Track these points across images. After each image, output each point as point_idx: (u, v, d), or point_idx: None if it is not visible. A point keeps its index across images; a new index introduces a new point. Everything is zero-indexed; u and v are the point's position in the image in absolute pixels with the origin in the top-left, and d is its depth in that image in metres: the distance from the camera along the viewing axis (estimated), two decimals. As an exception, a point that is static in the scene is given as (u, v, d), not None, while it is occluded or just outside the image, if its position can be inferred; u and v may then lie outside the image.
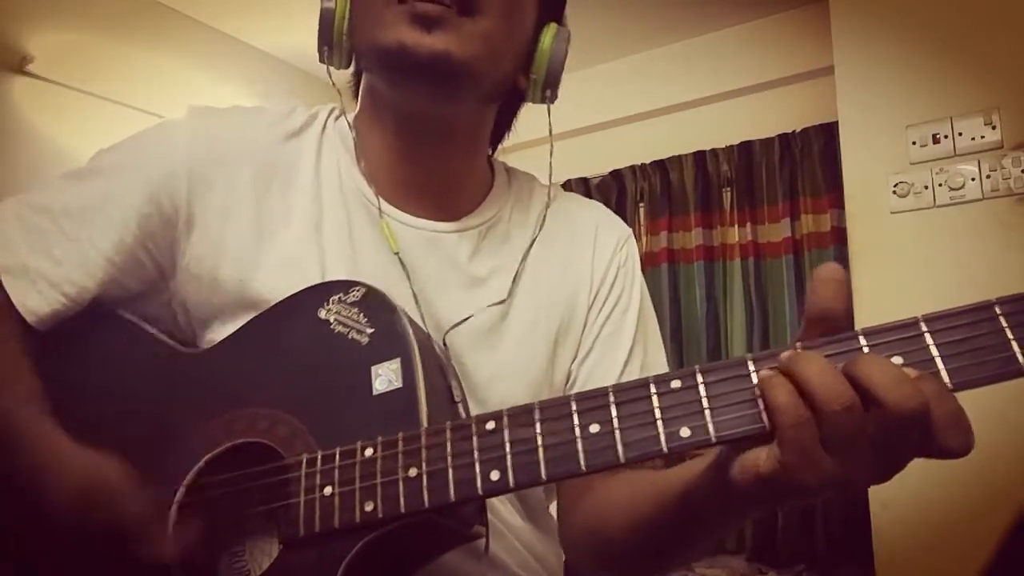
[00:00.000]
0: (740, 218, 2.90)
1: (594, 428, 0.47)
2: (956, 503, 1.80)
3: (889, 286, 2.04)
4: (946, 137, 2.01)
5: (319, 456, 0.54)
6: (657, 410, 0.47)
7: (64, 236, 0.67)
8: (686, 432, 0.46)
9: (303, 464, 0.54)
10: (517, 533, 0.74)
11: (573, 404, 0.49)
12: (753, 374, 0.46)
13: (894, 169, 2.08)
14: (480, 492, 0.49)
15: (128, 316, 0.68)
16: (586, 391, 0.49)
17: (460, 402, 0.60)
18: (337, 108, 0.79)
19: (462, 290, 0.73)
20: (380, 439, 0.52)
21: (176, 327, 0.71)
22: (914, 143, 2.06)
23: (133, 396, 0.63)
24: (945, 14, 2.03)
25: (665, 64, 3.12)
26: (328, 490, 0.52)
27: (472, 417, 0.51)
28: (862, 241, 2.13)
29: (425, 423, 0.53)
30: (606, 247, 0.82)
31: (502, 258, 0.77)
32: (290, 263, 0.68)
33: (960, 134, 2.00)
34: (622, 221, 0.88)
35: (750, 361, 0.46)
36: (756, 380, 0.45)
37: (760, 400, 0.45)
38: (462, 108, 0.73)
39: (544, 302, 0.77)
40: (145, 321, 0.71)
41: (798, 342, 0.46)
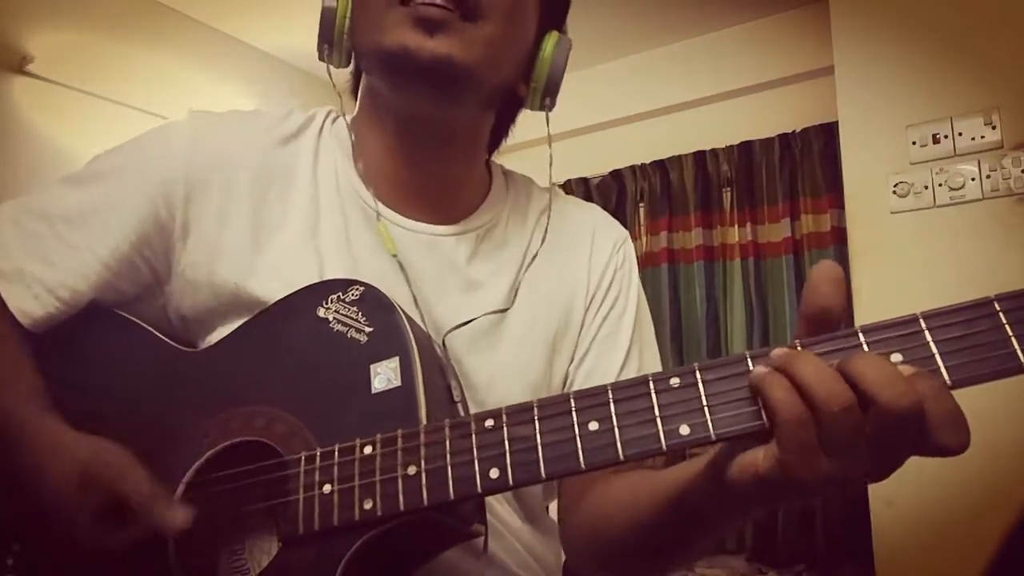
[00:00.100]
0: (740, 218, 2.90)
1: (593, 426, 0.47)
2: (957, 503, 1.80)
3: (889, 286, 2.04)
4: (946, 137, 2.01)
5: (318, 454, 0.54)
6: (656, 408, 0.46)
7: (60, 241, 0.67)
8: (685, 430, 0.46)
9: (302, 462, 0.54)
10: (515, 533, 0.74)
11: (572, 402, 0.48)
12: (755, 371, 0.45)
13: (894, 169, 2.08)
14: (479, 490, 0.49)
15: (127, 315, 0.68)
16: (585, 389, 0.49)
17: (459, 401, 0.60)
18: (335, 110, 0.79)
19: (460, 293, 0.73)
20: (379, 437, 0.52)
21: (171, 330, 0.71)
22: (914, 143, 2.06)
23: (132, 395, 0.64)
24: (945, 14, 2.03)
25: (665, 64, 3.12)
26: (327, 488, 0.52)
27: (471, 415, 0.51)
28: (862, 241, 2.13)
29: (424, 422, 0.53)
30: (603, 250, 0.82)
31: (500, 261, 0.77)
32: (287, 266, 0.68)
33: (960, 134, 2.00)
34: (619, 224, 0.87)
35: (749, 358, 0.46)
36: (752, 376, 0.45)
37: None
38: (462, 112, 0.73)
39: (542, 305, 0.77)
40: (147, 323, 0.71)
41: (797, 340, 0.46)
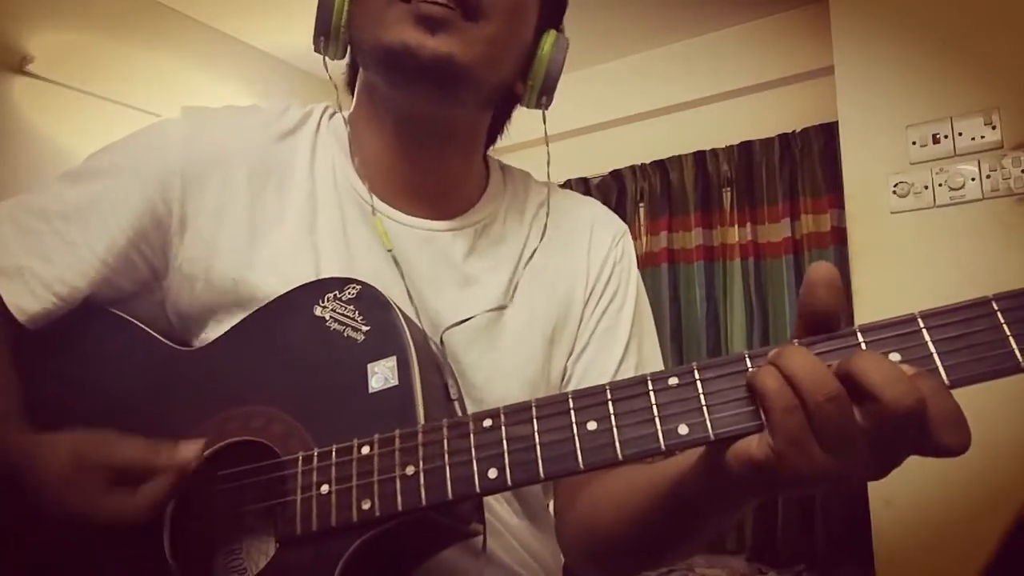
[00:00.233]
0: (740, 218, 2.90)
1: (592, 426, 0.47)
2: (957, 502, 1.80)
3: (889, 286, 2.04)
4: (946, 137, 2.01)
5: (315, 454, 0.54)
6: (655, 407, 0.46)
7: (58, 237, 0.67)
8: (684, 429, 0.45)
9: (299, 462, 0.54)
10: (514, 532, 0.73)
11: (571, 401, 0.48)
12: (751, 370, 0.45)
13: (894, 169, 2.08)
14: (478, 490, 0.48)
15: (122, 314, 0.68)
16: (583, 388, 0.49)
17: (457, 400, 0.60)
18: (332, 106, 0.78)
19: (457, 289, 0.73)
20: (377, 437, 0.52)
21: (168, 327, 0.71)
22: (914, 143, 2.06)
23: (128, 395, 0.63)
24: (945, 14, 2.03)
25: (665, 64, 3.12)
26: (325, 488, 0.52)
27: (469, 415, 0.51)
28: (862, 241, 2.13)
29: (422, 421, 0.53)
30: (602, 244, 0.82)
31: (497, 257, 0.77)
32: (284, 262, 0.68)
33: (960, 134, 2.00)
34: (618, 218, 0.87)
35: (748, 358, 0.46)
36: (748, 374, 0.45)
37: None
38: (461, 111, 0.73)
39: (540, 300, 0.77)
40: (140, 320, 0.70)
41: (795, 340, 0.46)
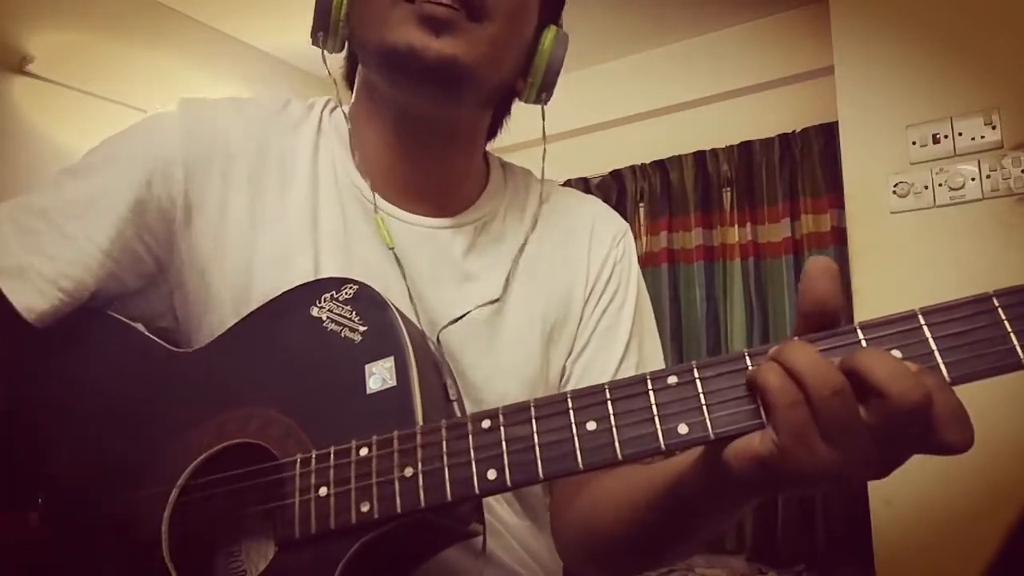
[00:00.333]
0: (740, 218, 2.90)
1: (591, 425, 0.47)
2: (956, 502, 1.80)
3: (889, 286, 2.04)
4: (946, 137, 2.01)
5: (313, 456, 0.53)
6: (654, 407, 0.46)
7: (60, 233, 0.66)
8: (684, 429, 0.45)
9: (297, 464, 0.53)
10: (513, 531, 0.73)
11: (570, 401, 0.48)
12: (751, 368, 0.45)
13: (894, 169, 2.08)
14: (477, 491, 0.48)
15: (120, 317, 0.67)
16: (582, 388, 0.49)
17: (455, 400, 0.60)
18: (333, 100, 0.78)
19: (457, 286, 0.73)
20: (375, 438, 0.52)
21: (173, 323, 0.71)
22: (914, 143, 2.06)
23: (125, 397, 0.63)
24: (945, 14, 2.03)
25: (665, 64, 3.12)
26: (323, 491, 0.51)
27: (468, 416, 0.51)
28: (862, 241, 2.13)
29: (420, 422, 0.52)
30: (602, 242, 0.82)
31: (497, 255, 0.76)
32: (285, 256, 0.68)
33: (960, 134, 1.99)
34: (619, 216, 0.87)
35: (747, 356, 0.45)
36: (748, 372, 0.45)
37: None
38: (463, 111, 0.73)
39: (540, 298, 0.76)
40: (145, 318, 0.70)
41: (796, 336, 0.46)
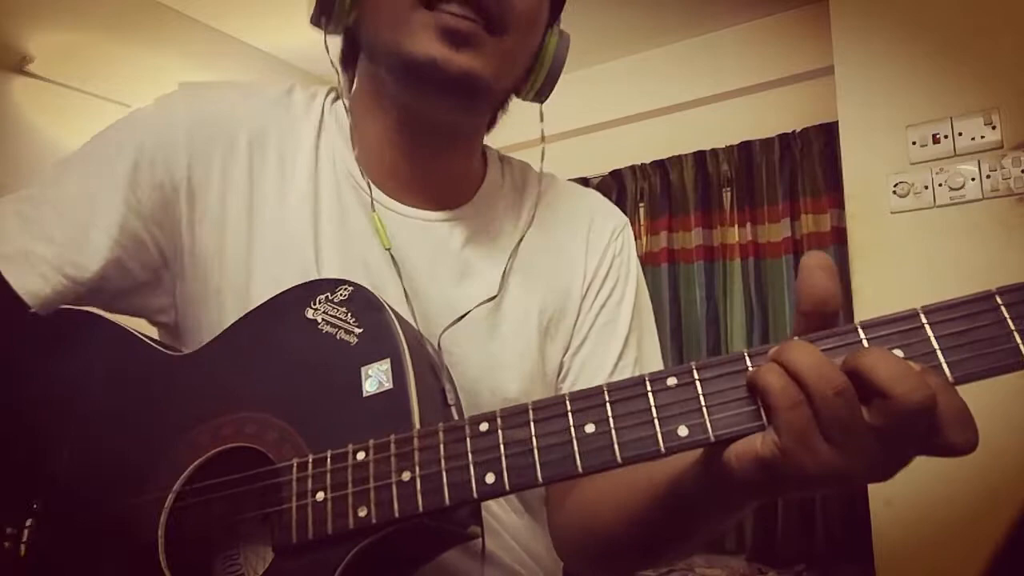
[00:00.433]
0: (740, 218, 2.90)
1: (590, 428, 0.46)
2: (956, 502, 1.79)
3: (889, 286, 2.03)
4: (946, 137, 2.01)
5: (310, 460, 0.52)
6: (654, 408, 0.45)
7: (64, 220, 0.65)
8: (684, 431, 0.45)
9: (294, 469, 0.53)
10: (512, 530, 0.73)
11: (568, 403, 0.47)
12: (751, 369, 0.44)
13: (894, 169, 2.08)
14: (475, 496, 0.47)
15: (115, 321, 0.67)
16: (581, 390, 0.48)
17: (453, 405, 0.59)
18: (336, 90, 0.78)
19: (454, 281, 0.72)
20: (372, 442, 0.51)
21: (174, 320, 0.70)
22: (914, 143, 2.06)
23: (121, 402, 0.62)
24: (945, 14, 2.03)
25: (665, 64, 3.12)
26: (320, 495, 0.51)
27: (465, 418, 0.50)
28: (862, 241, 2.13)
29: (417, 425, 0.52)
30: (601, 236, 0.81)
31: (495, 248, 0.76)
32: (284, 251, 0.68)
33: (960, 134, 1.99)
34: (619, 210, 0.86)
35: (747, 356, 0.45)
36: (748, 374, 0.44)
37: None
38: (470, 117, 0.73)
39: (537, 293, 0.75)
40: (147, 312, 0.71)
41: (795, 336, 0.45)
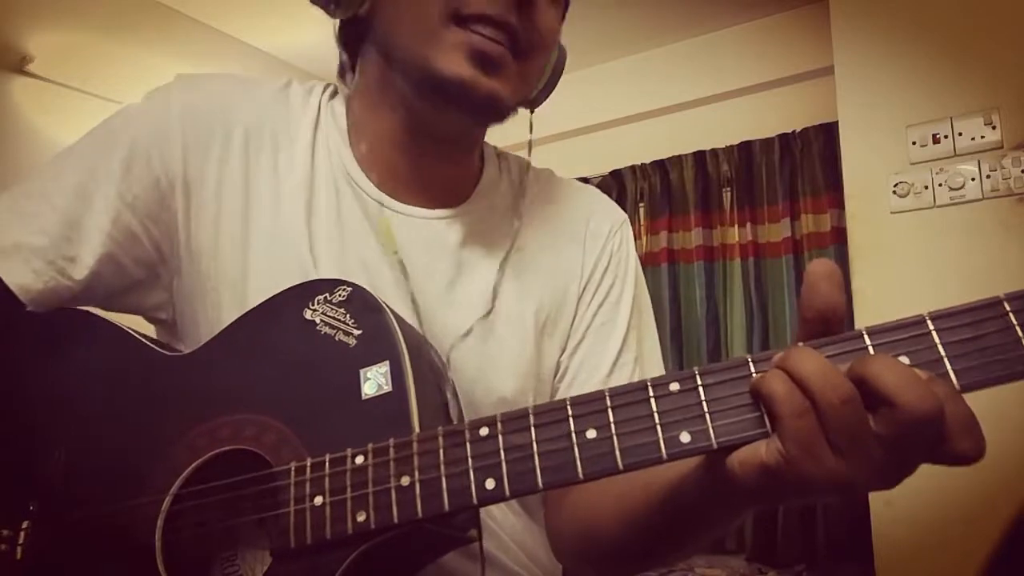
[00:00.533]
0: (740, 218, 2.90)
1: (591, 434, 0.45)
2: (956, 502, 1.79)
3: (889, 286, 2.03)
4: (946, 137, 2.01)
5: (308, 464, 0.52)
6: (656, 415, 0.45)
7: (59, 214, 0.65)
8: (686, 438, 0.44)
9: (292, 473, 0.52)
10: (510, 531, 0.72)
11: (569, 408, 0.47)
12: (754, 375, 0.44)
13: (894, 169, 2.07)
14: (475, 501, 0.47)
15: (111, 320, 0.66)
16: (582, 395, 0.47)
17: (451, 398, 0.59)
18: (332, 85, 0.77)
19: (452, 279, 0.72)
20: (371, 446, 0.51)
21: (171, 319, 0.70)
22: (914, 143, 2.06)
23: (119, 403, 0.62)
24: (945, 14, 2.03)
25: (665, 64, 3.12)
26: (318, 500, 0.50)
27: (465, 423, 0.49)
28: (862, 241, 2.13)
29: (416, 429, 0.51)
30: (599, 234, 0.80)
31: (492, 247, 0.75)
32: (280, 251, 0.67)
33: (960, 134, 1.99)
34: (617, 206, 0.85)
35: (751, 362, 0.44)
36: (752, 381, 0.43)
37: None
38: (481, 128, 0.74)
39: (534, 291, 0.75)
40: (144, 310, 0.70)
41: (799, 343, 0.44)
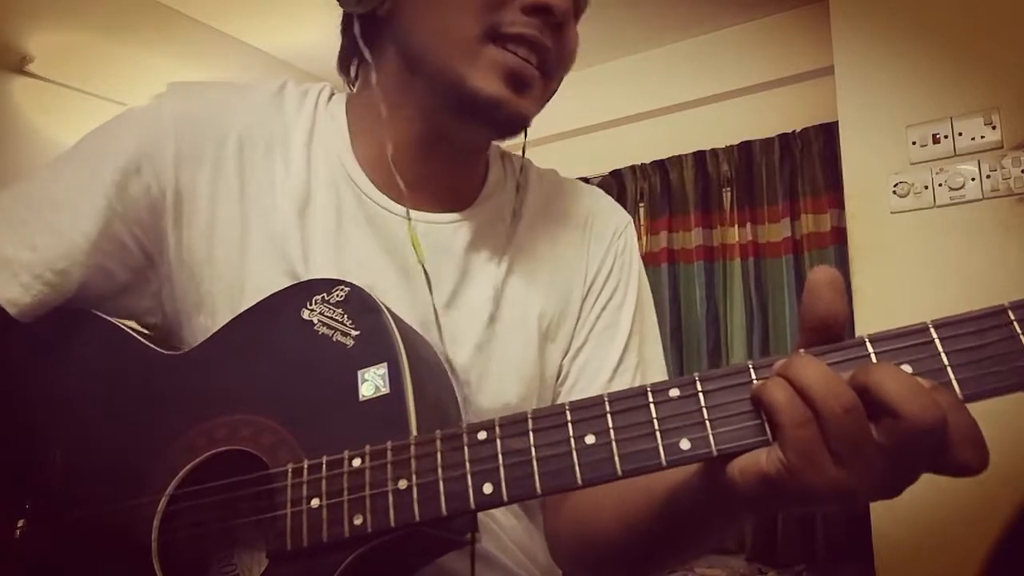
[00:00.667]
0: (740, 218, 2.90)
1: (590, 439, 0.45)
2: (957, 502, 1.79)
3: (889, 286, 2.03)
4: (946, 137, 2.01)
5: (305, 466, 0.51)
6: (655, 420, 0.44)
7: (46, 224, 0.64)
8: (686, 444, 0.43)
9: (288, 475, 0.51)
10: (509, 531, 0.72)
11: (568, 413, 0.46)
12: (755, 382, 0.43)
13: (894, 169, 2.07)
14: (472, 506, 0.46)
15: (109, 318, 0.66)
16: (581, 400, 0.47)
17: (452, 410, 0.59)
18: (329, 88, 0.76)
19: (458, 282, 0.71)
20: (368, 448, 0.50)
21: (163, 321, 0.69)
22: (914, 143, 2.05)
23: (115, 402, 0.61)
24: (945, 14, 2.03)
25: (665, 64, 3.11)
26: (315, 502, 0.50)
27: (464, 426, 0.49)
28: (862, 241, 2.13)
29: (414, 431, 0.51)
30: (602, 236, 0.79)
31: (497, 250, 0.75)
32: (278, 254, 0.66)
33: (960, 134, 1.99)
34: (621, 208, 0.85)
35: (752, 368, 0.44)
36: (752, 388, 0.43)
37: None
38: (498, 139, 0.75)
39: (537, 294, 0.74)
40: (134, 315, 0.69)
41: (801, 350, 0.44)
